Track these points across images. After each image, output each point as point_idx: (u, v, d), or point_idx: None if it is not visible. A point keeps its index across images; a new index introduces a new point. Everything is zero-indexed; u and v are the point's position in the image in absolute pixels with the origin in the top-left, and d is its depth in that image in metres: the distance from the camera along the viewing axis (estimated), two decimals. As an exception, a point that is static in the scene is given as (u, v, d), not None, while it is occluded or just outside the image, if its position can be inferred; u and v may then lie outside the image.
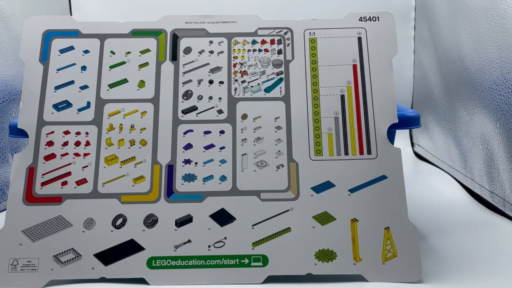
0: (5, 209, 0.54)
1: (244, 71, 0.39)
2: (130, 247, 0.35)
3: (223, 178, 0.36)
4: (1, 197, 0.54)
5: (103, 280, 0.34)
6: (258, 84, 0.39)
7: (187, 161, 0.37)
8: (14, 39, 0.57)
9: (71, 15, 0.77)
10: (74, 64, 0.39)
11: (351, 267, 0.34)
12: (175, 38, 0.40)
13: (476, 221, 0.47)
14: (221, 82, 0.39)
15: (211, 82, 0.39)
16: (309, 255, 0.34)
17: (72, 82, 0.39)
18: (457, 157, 0.61)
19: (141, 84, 0.39)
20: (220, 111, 0.38)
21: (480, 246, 0.40)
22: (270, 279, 0.34)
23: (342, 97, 0.38)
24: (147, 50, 0.40)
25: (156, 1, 0.76)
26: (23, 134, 0.38)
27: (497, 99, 0.47)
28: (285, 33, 0.40)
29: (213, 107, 0.38)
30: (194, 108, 0.38)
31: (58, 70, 0.39)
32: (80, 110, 0.38)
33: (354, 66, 0.39)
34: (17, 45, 0.57)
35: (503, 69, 0.45)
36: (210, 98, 0.39)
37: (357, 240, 0.35)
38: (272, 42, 0.40)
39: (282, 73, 0.39)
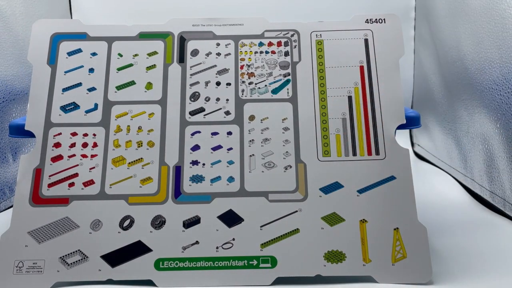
0: (5, 209, 0.54)
1: (251, 72, 0.39)
2: (138, 249, 0.34)
3: (230, 179, 0.36)
4: (1, 197, 0.53)
5: (110, 282, 0.33)
6: (265, 85, 0.39)
7: (195, 162, 0.37)
8: (14, 39, 0.57)
9: (71, 15, 0.77)
10: (82, 66, 0.40)
11: (361, 268, 0.34)
12: (183, 41, 0.40)
13: (477, 221, 0.47)
14: (228, 84, 0.39)
15: (218, 83, 0.39)
16: (318, 256, 0.34)
17: (79, 84, 0.39)
18: (457, 157, 0.61)
19: (149, 86, 0.39)
20: (227, 113, 0.38)
21: (483, 247, 0.40)
22: (279, 281, 0.33)
23: (350, 98, 0.38)
24: (155, 53, 0.40)
25: (158, 1, 0.76)
26: (22, 134, 0.38)
27: (497, 99, 0.47)
28: (292, 35, 0.40)
29: (221, 109, 0.38)
30: (201, 110, 0.38)
31: (65, 72, 0.39)
32: (87, 112, 0.38)
33: (361, 68, 0.39)
34: (17, 46, 0.57)
35: (503, 69, 0.46)
36: (218, 99, 0.39)
37: (366, 241, 0.34)
38: (279, 44, 0.40)
39: (289, 75, 0.39)
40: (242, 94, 0.39)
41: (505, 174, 0.47)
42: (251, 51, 0.40)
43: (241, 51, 0.40)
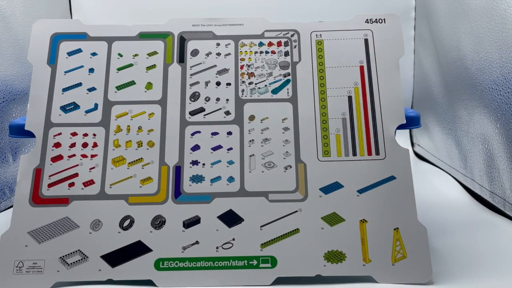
0: (5, 209, 0.54)
1: (251, 73, 0.39)
2: (138, 249, 0.34)
3: (230, 179, 0.36)
4: (1, 197, 0.53)
5: (110, 282, 0.33)
6: (265, 85, 0.39)
7: (195, 162, 0.37)
8: (14, 39, 0.57)
9: (71, 15, 0.77)
10: (82, 66, 0.40)
11: (361, 268, 0.34)
12: (183, 41, 0.40)
13: (477, 221, 0.47)
14: (228, 84, 0.39)
15: (218, 84, 0.39)
16: (318, 256, 0.34)
17: (79, 84, 0.39)
18: (457, 157, 0.61)
19: (149, 86, 0.39)
20: (227, 113, 0.38)
21: (483, 247, 0.40)
22: (279, 281, 0.33)
23: (350, 98, 0.38)
24: (155, 53, 0.40)
25: (158, 1, 0.76)
26: (22, 134, 0.38)
27: (497, 99, 0.47)
28: (292, 35, 0.40)
29: (221, 109, 0.38)
30: (201, 110, 0.38)
31: (65, 72, 0.39)
32: (87, 112, 0.38)
33: (361, 68, 0.39)
34: (17, 45, 0.57)
35: (503, 69, 0.46)
36: (218, 99, 0.39)
37: (366, 241, 0.34)
38: (279, 44, 0.40)
39: (289, 75, 0.39)
40: (242, 94, 0.39)
41: (505, 174, 0.47)
42: (251, 51, 0.40)
43: (241, 51, 0.40)
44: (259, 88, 0.39)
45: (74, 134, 0.38)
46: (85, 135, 0.38)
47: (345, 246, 0.34)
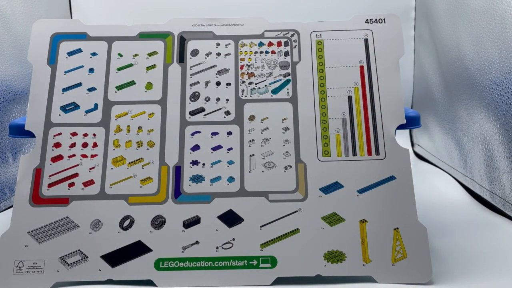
0: (5, 209, 0.54)
1: (251, 73, 0.39)
2: (138, 249, 0.34)
3: (230, 179, 0.36)
4: (1, 197, 0.53)
5: (110, 282, 0.33)
6: (265, 85, 0.39)
7: (195, 162, 0.37)
8: (14, 39, 0.57)
9: (71, 15, 0.77)
10: (82, 66, 0.40)
11: (361, 268, 0.34)
12: (183, 41, 0.40)
13: (477, 221, 0.47)
14: (228, 84, 0.39)
15: (218, 84, 0.39)
16: (318, 256, 0.34)
17: (79, 84, 0.39)
18: (457, 157, 0.61)
19: (149, 86, 0.39)
20: (227, 113, 0.38)
21: (483, 247, 0.40)
22: (279, 281, 0.33)
23: (350, 98, 0.38)
24: (155, 53, 0.40)
25: (158, 1, 0.76)
26: (22, 134, 0.38)
27: (497, 99, 0.47)
28: (292, 35, 0.40)
29: (221, 109, 0.38)
30: (201, 110, 0.38)
31: (65, 72, 0.39)
32: (87, 112, 0.38)
33: (361, 68, 0.39)
34: (17, 45, 0.57)
35: (503, 69, 0.46)
36: (218, 99, 0.39)
37: (366, 241, 0.34)
38: (279, 44, 0.40)
39: (289, 75, 0.39)
40: (242, 94, 0.39)
41: (505, 174, 0.47)
42: (251, 51, 0.40)
43: (241, 51, 0.40)
44: (259, 88, 0.39)
45: (74, 134, 0.38)
46: (85, 135, 0.38)
47: (345, 246, 0.34)
